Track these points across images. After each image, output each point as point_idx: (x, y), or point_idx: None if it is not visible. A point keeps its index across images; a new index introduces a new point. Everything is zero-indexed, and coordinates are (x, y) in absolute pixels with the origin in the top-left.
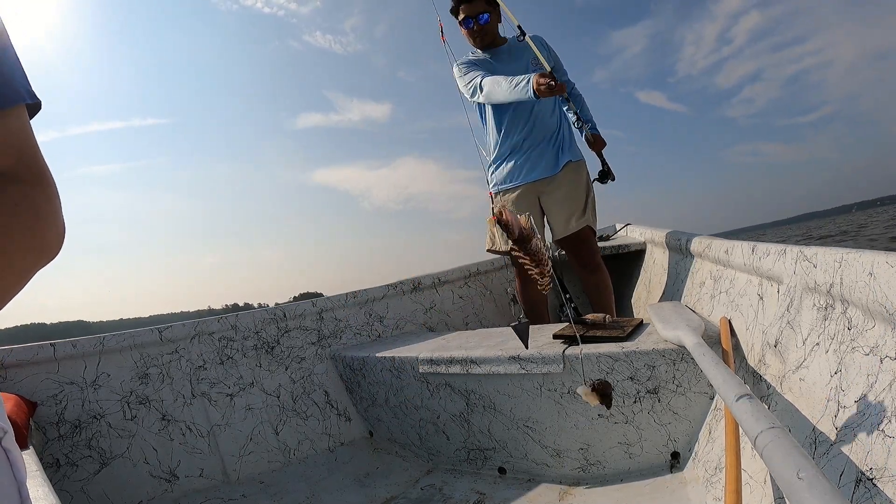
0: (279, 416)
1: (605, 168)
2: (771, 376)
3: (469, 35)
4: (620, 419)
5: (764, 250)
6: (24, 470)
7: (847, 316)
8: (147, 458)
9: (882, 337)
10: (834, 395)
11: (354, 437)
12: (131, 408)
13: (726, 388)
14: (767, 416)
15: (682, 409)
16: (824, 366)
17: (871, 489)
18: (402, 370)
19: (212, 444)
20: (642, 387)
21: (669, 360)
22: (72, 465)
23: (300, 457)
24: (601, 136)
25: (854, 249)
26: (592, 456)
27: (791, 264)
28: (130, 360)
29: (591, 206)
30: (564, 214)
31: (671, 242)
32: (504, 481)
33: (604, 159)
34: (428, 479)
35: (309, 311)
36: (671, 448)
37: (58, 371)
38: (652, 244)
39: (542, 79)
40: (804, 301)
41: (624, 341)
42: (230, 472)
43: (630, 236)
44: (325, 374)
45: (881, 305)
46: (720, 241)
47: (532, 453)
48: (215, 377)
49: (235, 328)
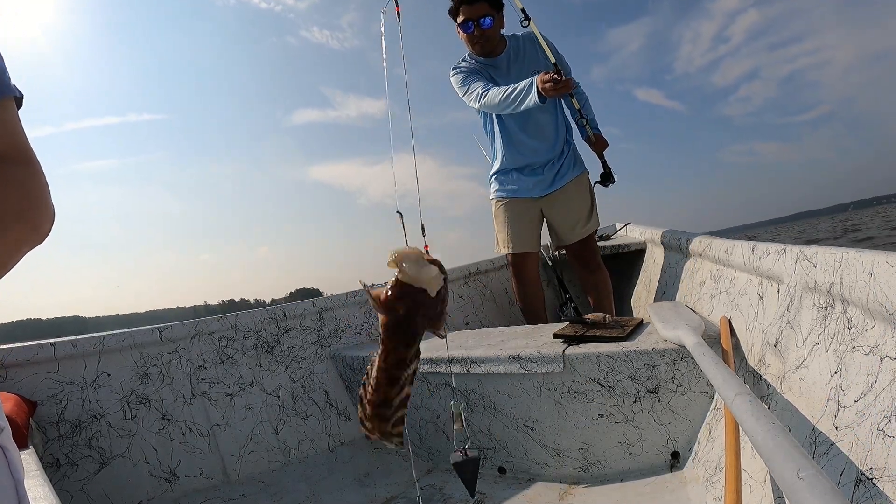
0: (279, 415)
1: (606, 170)
2: (771, 376)
3: (468, 40)
4: (620, 419)
5: (764, 250)
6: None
7: (847, 316)
8: (147, 457)
9: (882, 337)
10: (834, 395)
11: (354, 437)
12: (131, 407)
13: (726, 387)
14: (767, 415)
15: (682, 408)
16: (824, 365)
17: (871, 489)
18: None
19: (212, 443)
20: (642, 386)
21: (669, 360)
22: (72, 464)
23: (300, 456)
24: (603, 137)
25: (854, 249)
26: (592, 455)
27: (791, 264)
28: (130, 359)
29: (595, 211)
30: (569, 223)
31: (671, 242)
32: (504, 481)
33: (605, 161)
34: (428, 479)
35: (309, 311)
36: (671, 448)
37: (58, 371)
38: (652, 244)
39: (546, 75)
40: (804, 301)
41: (624, 341)
42: (230, 471)
43: (630, 236)
44: (325, 374)
45: (881, 305)
46: (720, 240)
47: (532, 453)
48: (215, 377)
49: (235, 328)
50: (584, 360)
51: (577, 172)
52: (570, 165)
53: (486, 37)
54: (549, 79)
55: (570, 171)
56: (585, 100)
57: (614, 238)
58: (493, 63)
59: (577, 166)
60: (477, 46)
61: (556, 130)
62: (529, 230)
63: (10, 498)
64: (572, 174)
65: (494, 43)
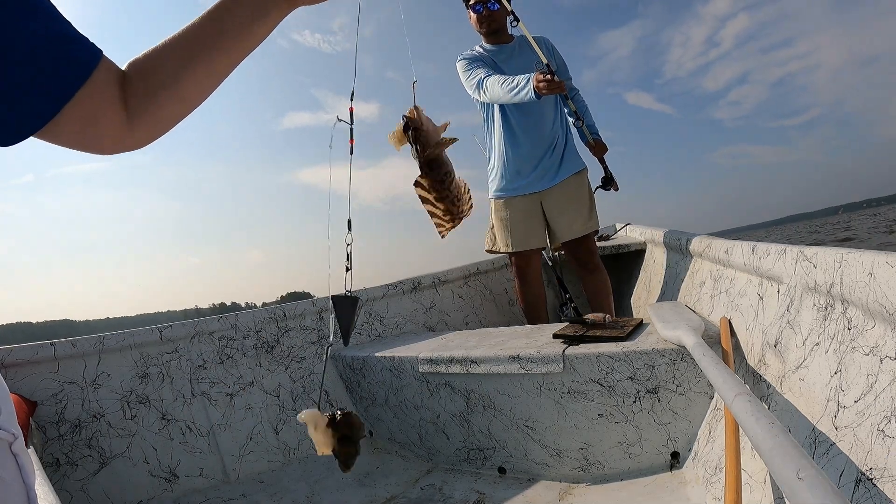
0: (279, 415)
1: (607, 174)
2: (771, 376)
3: (477, 21)
4: (620, 419)
5: (764, 250)
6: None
7: (847, 316)
8: (147, 457)
9: (882, 337)
10: (834, 395)
11: None
12: (131, 407)
13: (726, 387)
14: (767, 415)
15: (682, 408)
16: (824, 366)
17: (871, 489)
18: (402, 370)
19: (212, 443)
20: (642, 387)
21: (669, 360)
22: (72, 464)
23: (300, 456)
24: (603, 142)
25: (854, 249)
26: (592, 456)
27: (791, 264)
28: (130, 359)
29: (594, 210)
30: (568, 219)
31: (671, 242)
32: (504, 481)
33: (605, 165)
34: (428, 479)
35: (309, 311)
36: (671, 448)
37: (58, 370)
38: (652, 244)
39: (541, 75)
40: (804, 301)
41: (624, 341)
42: (230, 471)
43: (630, 236)
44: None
45: (881, 305)
46: (720, 240)
47: (532, 453)
48: (215, 377)
49: (235, 327)
50: (584, 361)
51: (577, 167)
52: (571, 160)
53: (492, 17)
54: (542, 78)
55: (571, 165)
56: (585, 107)
57: (614, 238)
58: (500, 50)
59: (577, 162)
60: (484, 25)
61: (556, 125)
62: (533, 227)
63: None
64: (573, 168)
65: (500, 25)
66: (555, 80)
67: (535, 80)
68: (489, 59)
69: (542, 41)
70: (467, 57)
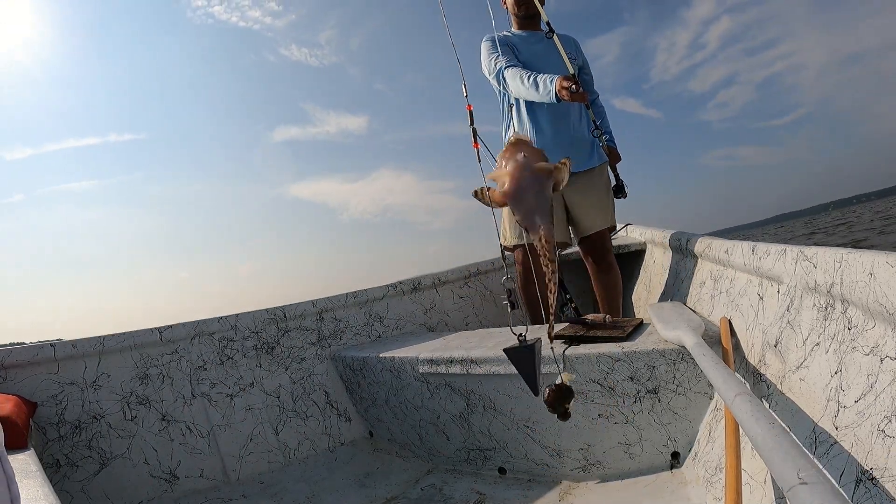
0: (279, 416)
1: (618, 182)
2: (771, 376)
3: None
4: (620, 419)
5: (764, 250)
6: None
7: (847, 316)
8: (147, 458)
9: (882, 337)
10: (834, 395)
11: (354, 438)
12: (131, 408)
13: (726, 387)
14: (767, 415)
15: (682, 408)
16: (824, 366)
17: (871, 489)
18: (402, 370)
19: (212, 444)
20: (642, 387)
21: (669, 360)
22: (72, 465)
23: (300, 457)
24: (617, 151)
25: (854, 249)
26: (592, 456)
27: (791, 264)
28: (130, 360)
29: (613, 208)
30: (593, 211)
31: (671, 242)
32: (504, 481)
33: (618, 174)
34: (428, 479)
35: (309, 312)
36: (671, 448)
37: (58, 371)
38: (652, 244)
39: (566, 82)
40: (804, 301)
41: (624, 341)
42: (230, 472)
43: (630, 236)
44: (326, 375)
45: (881, 305)
46: (720, 241)
47: (532, 453)
48: (215, 377)
49: (235, 328)
50: (584, 361)
51: (602, 160)
52: (597, 150)
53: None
54: (566, 85)
55: (597, 156)
56: (603, 112)
57: (614, 238)
58: (531, 35)
59: (601, 154)
60: (522, 8)
61: (583, 115)
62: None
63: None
64: (598, 160)
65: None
66: (578, 92)
67: (558, 84)
68: (514, 45)
69: (569, 41)
70: (491, 39)
